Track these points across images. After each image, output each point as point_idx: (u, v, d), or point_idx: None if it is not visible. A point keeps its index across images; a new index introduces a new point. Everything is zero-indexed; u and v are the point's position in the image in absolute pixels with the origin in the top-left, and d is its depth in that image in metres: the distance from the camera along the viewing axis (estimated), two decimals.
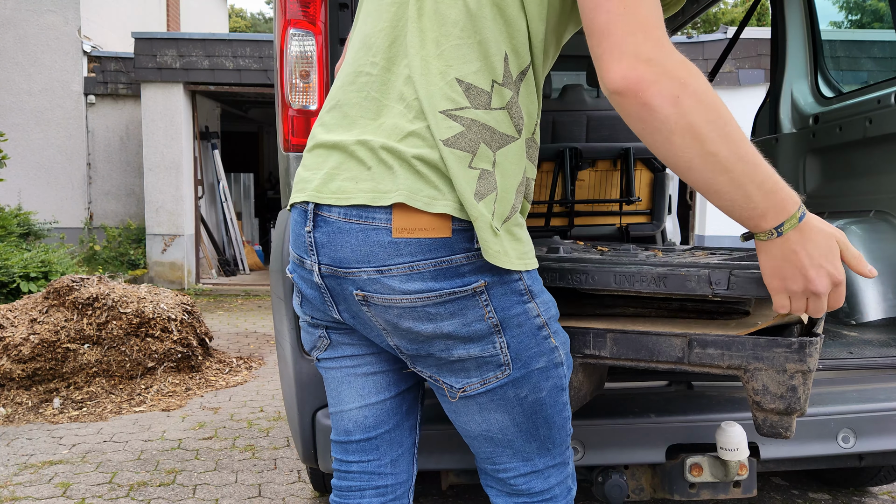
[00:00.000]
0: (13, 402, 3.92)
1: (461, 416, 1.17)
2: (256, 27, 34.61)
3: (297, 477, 2.95)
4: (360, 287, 1.07)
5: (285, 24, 1.79)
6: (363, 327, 1.15)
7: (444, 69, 1.04)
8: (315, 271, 1.12)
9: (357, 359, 1.24)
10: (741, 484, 1.81)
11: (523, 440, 1.17)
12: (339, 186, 1.07)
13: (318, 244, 1.10)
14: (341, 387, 1.26)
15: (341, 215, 1.06)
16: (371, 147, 1.05)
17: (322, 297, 1.15)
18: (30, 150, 9.34)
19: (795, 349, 1.18)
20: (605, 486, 1.85)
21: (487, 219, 1.01)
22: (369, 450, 1.27)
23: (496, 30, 1.04)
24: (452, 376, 1.12)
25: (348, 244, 1.06)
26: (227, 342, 5.73)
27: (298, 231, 1.14)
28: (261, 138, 14.19)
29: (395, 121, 1.05)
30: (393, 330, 1.10)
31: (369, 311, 1.09)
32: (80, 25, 9.34)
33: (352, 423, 1.26)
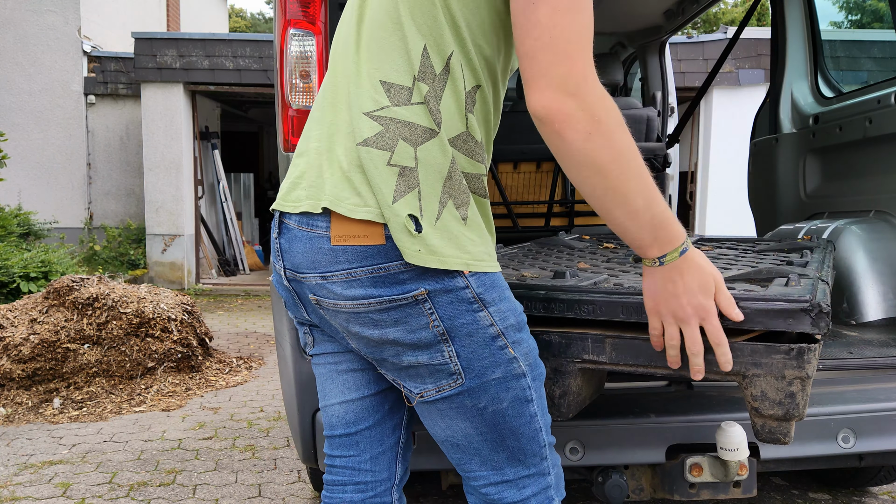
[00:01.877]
0: (13, 402, 3.92)
1: (427, 420, 1.18)
2: (256, 27, 34.61)
3: (297, 477, 2.95)
4: (312, 291, 1.11)
5: (285, 24, 1.79)
6: (329, 328, 1.19)
7: (372, 71, 1.06)
8: (283, 275, 1.16)
9: (337, 356, 1.26)
10: (741, 484, 1.81)
11: (490, 449, 1.15)
12: (297, 195, 1.11)
13: (282, 250, 1.14)
14: (326, 382, 1.29)
15: (295, 223, 1.10)
16: (321, 155, 1.09)
17: (293, 300, 1.20)
18: (30, 150, 9.34)
19: (794, 356, 1.18)
20: (605, 486, 1.85)
21: (401, 220, 1.02)
22: (350, 445, 1.29)
23: (413, 23, 1.04)
24: (410, 381, 1.13)
25: (300, 250, 1.10)
26: (227, 342, 5.74)
27: (272, 236, 1.18)
28: (261, 138, 14.19)
29: (337, 128, 1.09)
30: (347, 333, 1.13)
31: (325, 315, 1.13)
32: (80, 25, 9.34)
33: (334, 418, 1.29)
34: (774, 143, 3.00)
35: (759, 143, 3.13)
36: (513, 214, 4.13)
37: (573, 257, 2.00)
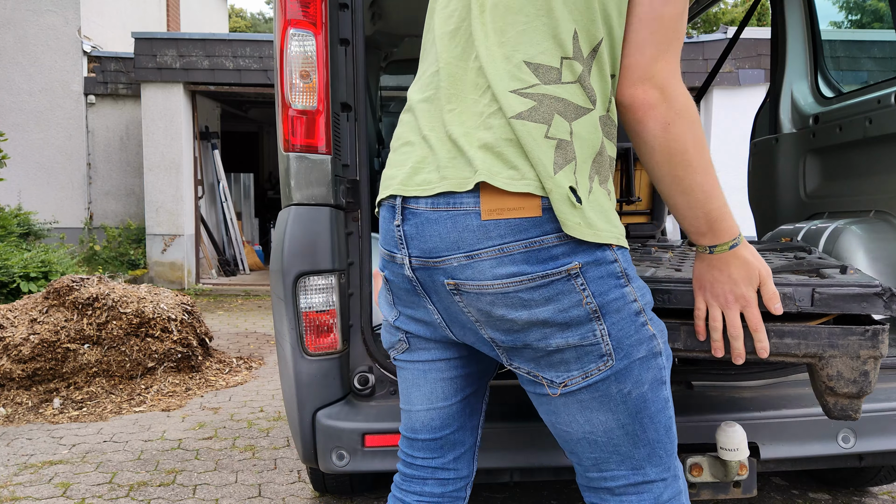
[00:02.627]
0: (13, 402, 3.92)
1: (561, 417, 1.13)
2: (256, 27, 34.60)
3: (297, 477, 2.95)
4: (451, 275, 1.08)
5: (285, 24, 1.79)
6: (455, 321, 1.15)
7: (510, 54, 1.07)
8: (406, 264, 1.13)
9: (430, 364, 1.26)
10: (741, 484, 1.81)
11: (631, 444, 1.13)
12: (424, 178, 1.09)
13: (407, 237, 1.12)
14: (412, 388, 1.29)
15: (428, 205, 1.08)
16: (452, 138, 1.08)
17: (415, 290, 1.16)
18: (30, 150, 9.33)
19: (869, 336, 1.28)
20: None
21: (564, 190, 1.02)
22: (434, 448, 1.32)
23: (566, 8, 1.06)
24: (552, 370, 1.09)
25: (436, 233, 1.07)
26: (227, 342, 5.73)
27: (388, 226, 1.16)
28: (261, 138, 14.19)
29: (472, 109, 1.08)
30: (486, 320, 1.09)
31: (461, 300, 1.09)
32: (80, 25, 9.34)
33: (419, 423, 1.30)
34: (774, 143, 3.00)
35: (758, 143, 3.13)
36: None
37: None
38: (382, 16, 3.75)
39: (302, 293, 1.83)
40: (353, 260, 1.94)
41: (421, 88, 1.19)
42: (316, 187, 1.83)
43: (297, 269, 1.81)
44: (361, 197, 1.95)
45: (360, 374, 1.92)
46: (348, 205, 1.92)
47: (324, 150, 1.83)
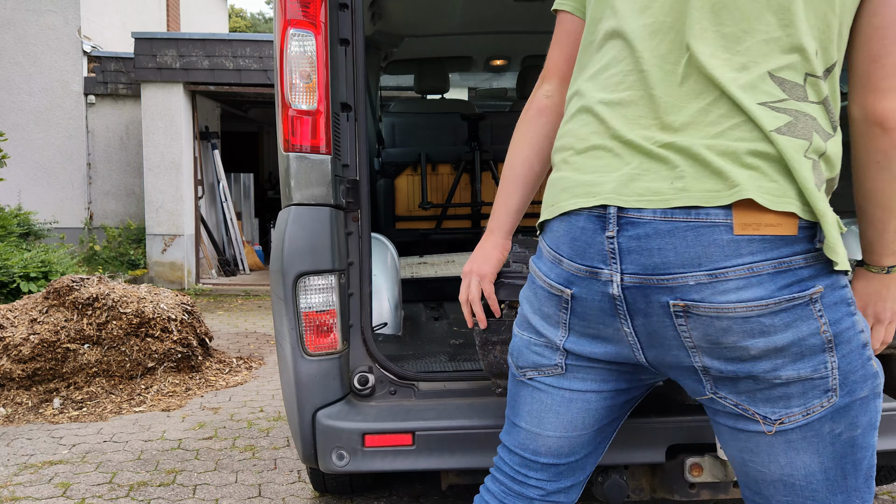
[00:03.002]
0: (13, 402, 3.91)
1: (760, 457, 1.05)
2: (256, 27, 34.60)
3: (297, 477, 2.95)
4: (682, 296, 0.98)
5: (285, 23, 1.79)
6: (656, 346, 1.06)
7: (747, 64, 1.00)
8: (615, 282, 1.03)
9: (580, 393, 1.18)
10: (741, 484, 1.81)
11: (828, 490, 1.04)
12: (648, 188, 1.00)
13: (622, 250, 1.02)
14: (547, 413, 1.20)
15: (659, 216, 0.99)
16: (679, 147, 1.00)
17: (613, 311, 1.06)
18: (30, 150, 9.33)
19: None
20: (605, 486, 1.85)
21: (833, 215, 0.97)
22: (554, 473, 1.25)
23: (808, 24, 1.00)
24: (769, 405, 1.01)
25: (670, 246, 0.98)
26: (227, 342, 5.73)
27: (588, 238, 1.05)
28: (261, 138, 14.18)
29: (701, 119, 1.00)
30: (710, 348, 1.00)
31: (685, 324, 1.00)
32: (80, 25, 9.34)
33: (544, 448, 1.22)
34: None
35: None
36: None
37: None
38: (382, 16, 3.75)
39: (302, 293, 1.83)
40: (352, 260, 1.94)
41: (606, 88, 1.09)
42: (316, 187, 1.83)
43: (297, 269, 1.81)
44: (361, 197, 1.95)
45: (360, 374, 1.92)
46: (348, 205, 1.92)
47: (324, 150, 1.83)
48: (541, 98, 1.32)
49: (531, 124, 1.32)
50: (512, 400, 1.27)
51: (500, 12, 3.77)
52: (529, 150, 1.33)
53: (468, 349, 2.29)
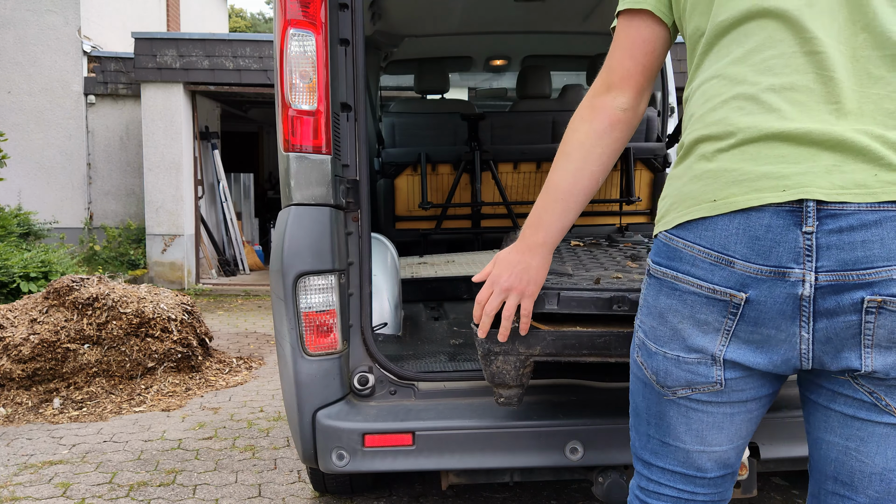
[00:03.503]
0: (13, 402, 3.91)
1: (868, 447, 1.05)
2: (256, 27, 34.60)
3: (297, 477, 2.95)
4: (880, 291, 0.95)
5: (285, 24, 1.79)
6: (830, 349, 1.01)
7: None
8: (807, 281, 0.97)
9: (742, 405, 1.12)
10: (741, 484, 1.81)
11: None
12: (851, 180, 0.95)
13: (819, 247, 0.96)
14: (709, 430, 1.14)
15: (864, 207, 0.94)
16: (877, 135, 0.95)
17: (795, 314, 1.00)
18: (30, 150, 9.33)
19: None
20: (605, 486, 1.85)
21: None
22: (721, 483, 1.21)
23: None
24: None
25: (877, 238, 0.93)
26: (227, 342, 5.73)
27: (777, 237, 0.98)
28: (261, 138, 14.18)
29: (894, 106, 0.96)
30: (890, 346, 0.98)
31: (872, 321, 0.97)
32: (80, 25, 9.33)
33: (710, 463, 1.18)
34: None
35: None
36: (513, 214, 4.13)
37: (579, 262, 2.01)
38: (382, 16, 3.75)
39: (302, 293, 1.83)
40: (352, 260, 1.94)
41: (769, 71, 1.01)
42: (316, 187, 1.83)
43: (297, 269, 1.81)
44: (361, 197, 1.95)
45: (360, 374, 1.92)
46: (348, 205, 1.92)
47: (324, 150, 1.83)
48: (616, 111, 1.20)
49: (603, 138, 1.20)
50: (655, 419, 1.18)
51: (500, 12, 3.77)
52: (598, 166, 1.22)
53: (468, 349, 2.29)
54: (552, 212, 1.25)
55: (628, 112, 1.20)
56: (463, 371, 2.01)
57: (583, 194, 1.24)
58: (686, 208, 1.06)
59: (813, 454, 1.15)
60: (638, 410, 1.22)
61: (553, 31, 4.16)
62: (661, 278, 1.10)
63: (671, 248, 1.08)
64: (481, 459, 1.82)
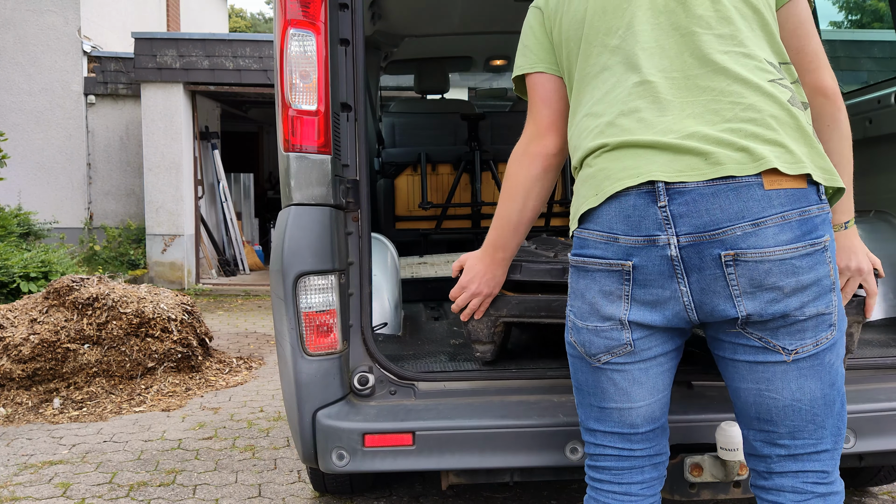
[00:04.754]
0: (13, 402, 3.91)
1: (775, 384, 1.26)
2: (256, 27, 34.60)
3: (297, 477, 2.95)
4: (731, 246, 1.18)
5: (285, 23, 1.79)
6: (706, 301, 1.23)
7: (750, 53, 1.27)
8: (672, 244, 1.21)
9: (653, 360, 1.34)
10: (741, 484, 1.81)
11: (824, 412, 1.27)
12: (686, 166, 1.21)
13: (674, 216, 1.20)
14: (633, 387, 1.35)
15: (702, 184, 1.19)
16: (704, 135, 1.21)
17: (670, 272, 1.23)
18: (30, 150, 9.33)
19: (854, 305, 1.59)
20: None
21: (831, 169, 1.25)
22: (652, 437, 1.41)
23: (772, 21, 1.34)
24: (789, 338, 1.23)
25: (717, 205, 1.18)
26: (227, 342, 5.73)
27: (642, 212, 1.23)
28: (261, 138, 14.18)
29: (719, 105, 1.23)
30: (753, 291, 1.20)
31: (734, 272, 1.19)
32: (80, 25, 9.34)
33: (640, 418, 1.38)
34: None
35: None
36: None
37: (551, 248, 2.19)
38: (382, 16, 3.75)
39: (302, 293, 1.83)
40: (353, 260, 1.94)
41: (621, 101, 1.31)
42: (316, 187, 1.83)
43: (297, 269, 1.81)
44: (361, 197, 1.95)
45: (360, 374, 1.92)
46: (348, 205, 1.92)
47: (324, 150, 1.83)
48: (548, 157, 1.54)
49: (539, 181, 1.55)
50: (592, 388, 1.40)
51: (500, 12, 3.77)
52: (538, 201, 1.57)
53: (468, 349, 2.29)
54: (509, 238, 1.64)
55: (557, 156, 1.54)
56: (463, 371, 2.01)
57: (529, 222, 1.61)
58: (580, 205, 1.33)
59: (735, 403, 1.36)
60: (580, 385, 1.44)
61: None
62: (578, 265, 1.36)
63: (581, 239, 1.34)
64: (481, 459, 1.82)
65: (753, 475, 1.39)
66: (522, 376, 1.99)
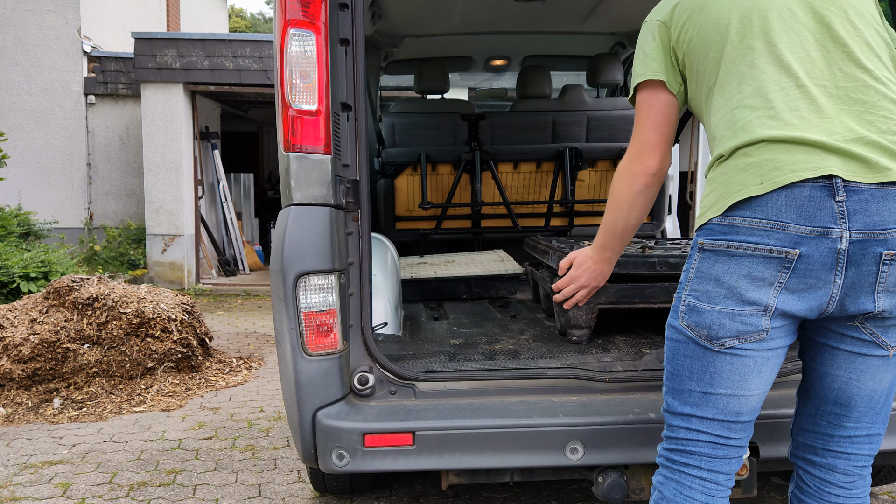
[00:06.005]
0: (13, 402, 3.91)
1: (866, 375, 1.40)
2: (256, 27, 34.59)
3: (298, 477, 2.95)
4: (892, 247, 1.29)
5: (285, 23, 1.79)
6: (852, 294, 1.32)
7: (891, 77, 1.39)
8: (844, 237, 1.28)
9: (777, 350, 1.39)
10: (741, 484, 1.81)
11: (887, 402, 1.44)
12: (857, 167, 1.29)
13: (849, 212, 1.28)
14: (751, 374, 1.40)
15: (874, 186, 1.28)
16: (866, 140, 1.30)
17: (833, 265, 1.30)
18: (30, 150, 9.33)
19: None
20: (605, 486, 1.85)
21: None
22: (749, 428, 1.46)
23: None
24: (894, 335, 1.37)
25: (886, 208, 1.28)
26: (227, 342, 5.73)
27: (819, 204, 1.29)
28: (261, 138, 14.17)
29: (873, 117, 1.33)
30: (894, 290, 1.32)
31: (887, 271, 1.30)
32: (80, 25, 9.33)
33: (746, 407, 1.43)
34: None
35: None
36: (513, 214, 4.13)
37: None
38: (382, 16, 3.75)
39: (302, 293, 1.83)
40: (353, 260, 1.94)
41: (781, 99, 1.38)
42: (316, 187, 1.83)
43: (297, 269, 1.81)
44: (361, 197, 1.95)
45: (360, 374, 1.92)
46: (348, 205, 1.92)
47: (324, 150, 1.83)
48: (648, 175, 1.62)
49: (641, 196, 1.64)
50: (699, 373, 1.42)
51: (500, 12, 3.77)
52: (639, 212, 1.68)
53: (468, 349, 2.29)
54: (615, 241, 1.76)
55: (657, 175, 1.62)
56: (463, 371, 2.01)
57: (634, 228, 1.72)
58: (735, 192, 1.36)
59: (815, 384, 1.47)
60: (677, 371, 1.46)
61: (553, 31, 4.16)
62: (717, 249, 1.38)
63: (726, 226, 1.37)
64: (481, 459, 1.82)
65: (802, 449, 1.53)
66: (522, 376, 1.99)
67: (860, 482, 1.48)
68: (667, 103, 1.59)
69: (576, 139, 4.21)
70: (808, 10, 1.41)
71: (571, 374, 1.98)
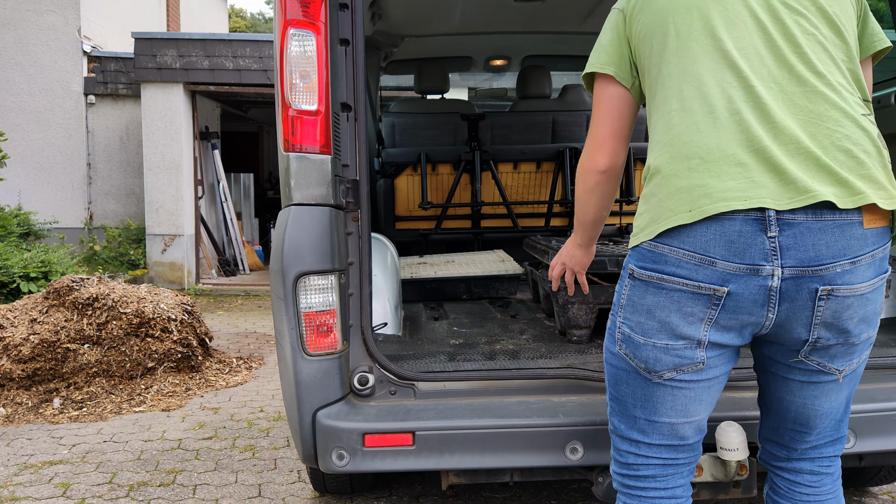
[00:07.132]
0: (13, 402, 3.91)
1: (820, 399, 1.38)
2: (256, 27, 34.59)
3: (297, 477, 2.95)
4: (829, 282, 1.22)
5: (285, 23, 1.79)
6: (786, 326, 1.28)
7: (845, 86, 1.29)
8: (776, 275, 1.21)
9: (716, 379, 1.37)
10: (741, 484, 1.81)
11: (846, 412, 1.45)
12: (795, 190, 1.20)
13: (783, 247, 1.20)
14: (692, 403, 1.38)
15: (809, 216, 1.20)
16: (807, 154, 1.22)
17: (763, 301, 1.24)
18: (30, 150, 9.33)
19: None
20: (605, 486, 1.85)
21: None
22: (696, 447, 1.47)
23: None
24: (841, 360, 1.32)
25: (822, 242, 1.20)
26: (227, 342, 5.73)
27: (748, 240, 1.21)
28: (261, 138, 14.17)
29: (816, 129, 1.23)
30: (832, 321, 1.26)
31: (824, 305, 1.23)
32: (80, 25, 9.33)
33: (691, 430, 1.42)
34: None
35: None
36: (513, 214, 4.13)
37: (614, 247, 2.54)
38: (382, 16, 3.75)
39: (302, 293, 1.83)
40: (352, 260, 1.94)
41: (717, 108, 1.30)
42: (316, 187, 1.83)
43: (297, 269, 1.81)
44: (361, 197, 1.95)
45: (360, 374, 1.92)
46: (348, 205, 1.92)
47: (324, 150, 1.83)
48: (596, 173, 1.55)
49: (594, 192, 1.59)
50: (642, 402, 1.40)
51: (500, 12, 3.77)
52: (600, 205, 1.62)
53: (468, 349, 2.29)
54: (586, 230, 1.72)
55: (607, 173, 1.54)
56: (463, 371, 2.01)
57: (600, 221, 1.68)
58: (665, 219, 1.28)
59: (772, 405, 1.46)
60: (622, 397, 1.43)
61: (553, 31, 4.17)
62: (647, 280, 1.32)
63: (656, 253, 1.30)
64: (481, 459, 1.82)
65: (769, 455, 1.54)
66: (522, 376, 1.99)
67: (828, 479, 1.49)
68: (616, 96, 1.49)
69: (576, 139, 4.21)
70: (763, 4, 1.31)
71: (571, 374, 1.98)
